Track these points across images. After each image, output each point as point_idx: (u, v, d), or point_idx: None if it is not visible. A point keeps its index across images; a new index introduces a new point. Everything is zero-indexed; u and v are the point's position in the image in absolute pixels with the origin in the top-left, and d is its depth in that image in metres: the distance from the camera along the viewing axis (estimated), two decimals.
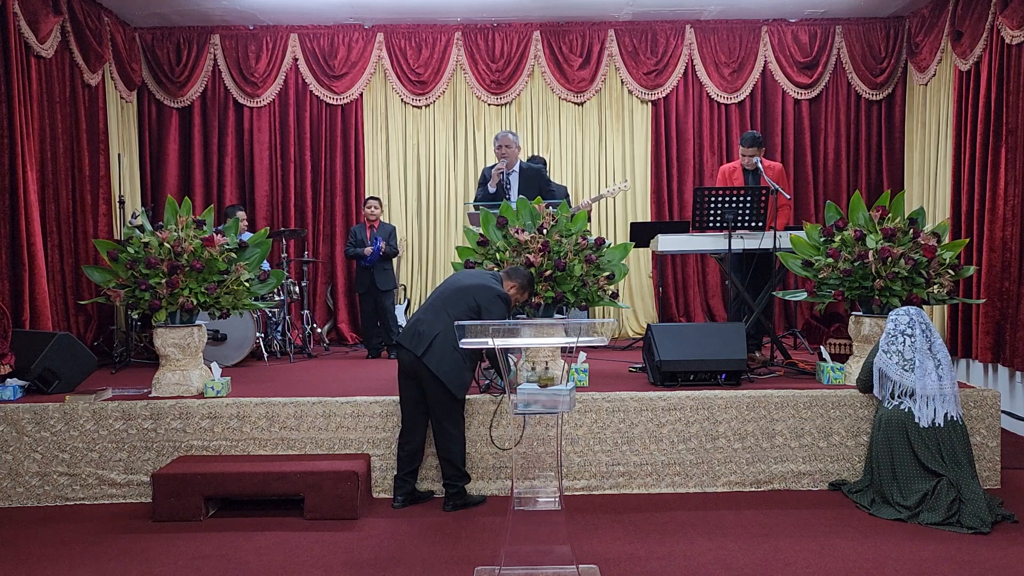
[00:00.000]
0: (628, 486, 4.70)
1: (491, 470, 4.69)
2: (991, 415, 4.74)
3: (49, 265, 6.31)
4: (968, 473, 4.23)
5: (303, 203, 8.41)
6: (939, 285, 4.82)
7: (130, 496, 4.65)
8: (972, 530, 3.99)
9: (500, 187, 5.91)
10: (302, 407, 4.72)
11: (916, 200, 7.75)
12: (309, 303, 7.75)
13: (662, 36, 8.27)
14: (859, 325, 4.98)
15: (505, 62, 8.27)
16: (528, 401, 3.41)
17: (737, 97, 8.31)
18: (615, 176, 8.41)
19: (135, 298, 4.83)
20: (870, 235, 4.86)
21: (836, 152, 8.38)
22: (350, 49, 8.27)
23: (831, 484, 4.70)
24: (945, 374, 4.35)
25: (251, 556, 3.81)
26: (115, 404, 4.71)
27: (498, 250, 4.99)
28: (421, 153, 8.46)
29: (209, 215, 5.16)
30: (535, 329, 3.91)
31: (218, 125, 8.34)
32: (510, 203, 5.34)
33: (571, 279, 4.93)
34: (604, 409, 4.70)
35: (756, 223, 5.70)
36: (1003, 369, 6.33)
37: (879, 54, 8.19)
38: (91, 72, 7.06)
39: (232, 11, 7.75)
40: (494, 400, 4.64)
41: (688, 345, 4.94)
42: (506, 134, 6.01)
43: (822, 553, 3.75)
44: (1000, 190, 6.25)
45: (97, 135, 7.25)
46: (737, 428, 4.71)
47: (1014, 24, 6.05)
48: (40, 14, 6.28)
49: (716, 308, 8.38)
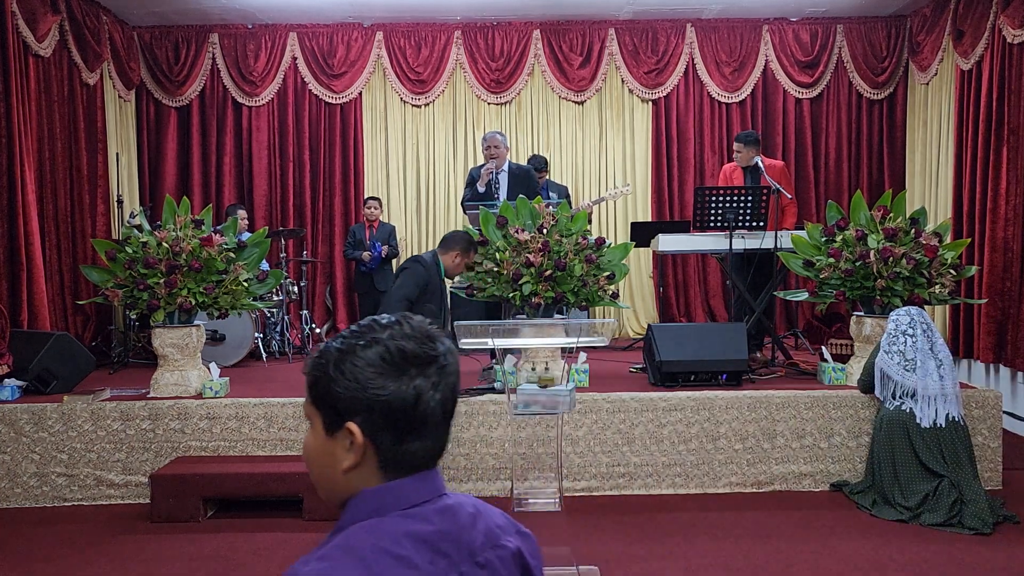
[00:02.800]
0: (629, 487, 4.68)
1: (491, 471, 4.67)
2: (993, 415, 4.72)
3: (47, 265, 6.29)
4: (970, 474, 4.21)
5: (302, 203, 8.39)
6: (941, 285, 4.80)
7: (128, 497, 4.63)
8: (974, 531, 3.97)
9: (489, 187, 5.90)
10: (301, 407, 4.70)
11: (917, 200, 7.73)
12: (308, 303, 7.72)
13: (663, 35, 8.25)
14: (860, 325, 4.96)
15: (505, 61, 8.25)
16: (528, 401, 3.39)
17: (738, 96, 8.29)
18: (615, 176, 8.39)
19: (133, 298, 4.80)
20: (871, 235, 4.84)
21: (837, 151, 8.37)
22: (349, 48, 8.25)
23: (832, 485, 4.68)
24: (947, 374, 4.33)
25: (250, 557, 3.79)
26: (113, 404, 4.69)
27: (498, 250, 4.97)
28: (420, 152, 8.44)
29: (208, 215, 5.14)
30: (535, 329, 3.89)
31: (217, 124, 8.32)
32: (499, 204, 5.33)
33: (571, 279, 4.91)
34: (604, 409, 4.68)
35: (757, 223, 5.68)
36: (1005, 369, 6.32)
37: (880, 53, 8.17)
38: (89, 71, 7.04)
39: (231, 10, 7.73)
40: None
41: (689, 345, 4.92)
42: (494, 134, 6.01)
43: (823, 554, 3.73)
44: (1002, 189, 6.23)
45: (95, 134, 7.23)
46: (738, 429, 4.69)
47: (1016, 23, 6.03)
48: (38, 13, 6.26)
49: (717, 308, 8.36)
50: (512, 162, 6.20)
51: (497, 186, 5.95)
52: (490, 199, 5.81)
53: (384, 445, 1.10)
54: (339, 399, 1.09)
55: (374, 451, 1.10)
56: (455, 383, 1.15)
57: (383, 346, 1.09)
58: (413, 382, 1.09)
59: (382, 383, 1.08)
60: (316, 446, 1.14)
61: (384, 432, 1.09)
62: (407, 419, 1.09)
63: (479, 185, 5.90)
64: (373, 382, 1.08)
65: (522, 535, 1.22)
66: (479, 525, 1.15)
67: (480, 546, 1.13)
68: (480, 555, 1.12)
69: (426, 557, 1.06)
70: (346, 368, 1.09)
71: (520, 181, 5.95)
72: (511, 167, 6.03)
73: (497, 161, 5.91)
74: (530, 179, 6.05)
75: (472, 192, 5.95)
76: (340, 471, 1.11)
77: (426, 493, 1.12)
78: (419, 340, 1.11)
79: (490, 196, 5.87)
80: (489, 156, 5.91)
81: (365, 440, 1.09)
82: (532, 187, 5.98)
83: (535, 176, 6.23)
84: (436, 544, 1.08)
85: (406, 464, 1.11)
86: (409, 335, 1.11)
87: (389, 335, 1.10)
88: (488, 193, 5.90)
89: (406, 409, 1.08)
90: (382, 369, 1.08)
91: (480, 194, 5.89)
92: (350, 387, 1.08)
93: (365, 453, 1.10)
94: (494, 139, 5.95)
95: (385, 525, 1.07)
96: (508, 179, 5.97)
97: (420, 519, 1.09)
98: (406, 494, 1.11)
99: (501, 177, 5.98)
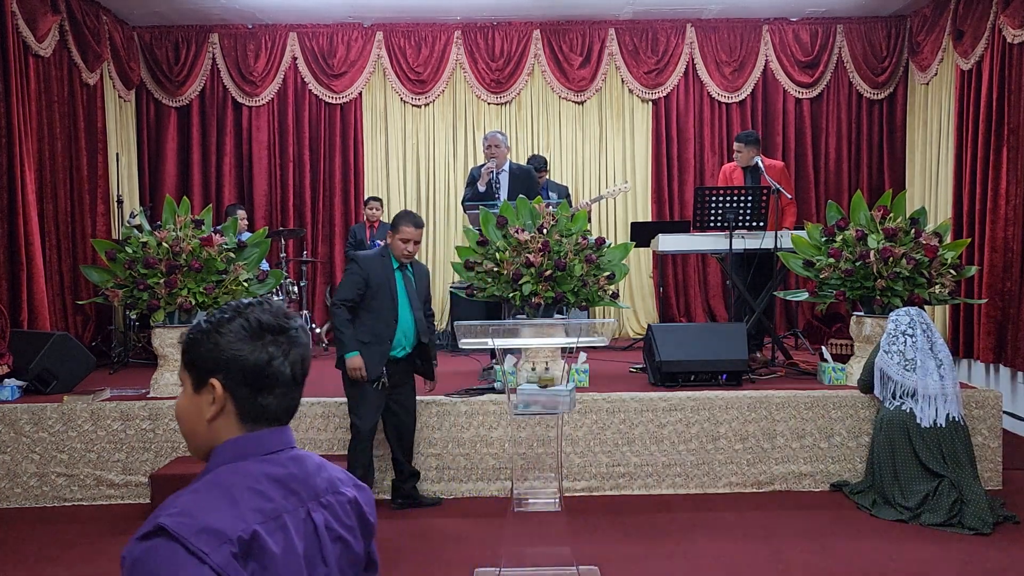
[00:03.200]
0: (628, 487, 4.68)
1: (491, 471, 4.67)
2: (993, 415, 4.72)
3: (47, 265, 6.29)
4: (970, 474, 4.21)
5: (302, 203, 8.38)
6: (941, 285, 4.81)
7: (128, 497, 4.63)
8: (974, 531, 3.97)
9: (490, 186, 5.90)
10: (301, 407, 4.65)
11: (917, 200, 7.72)
12: (308, 303, 7.72)
13: (663, 35, 8.25)
14: (860, 325, 4.96)
15: (505, 61, 8.24)
16: (528, 401, 3.39)
17: (738, 96, 8.28)
18: (615, 175, 8.39)
19: (133, 298, 4.81)
20: (872, 235, 4.84)
21: (837, 151, 8.36)
22: (349, 48, 8.24)
23: (832, 485, 4.68)
24: (947, 374, 4.33)
25: None
26: (113, 404, 4.69)
27: (498, 250, 4.97)
28: (421, 152, 8.43)
29: (208, 215, 5.14)
30: (535, 329, 3.89)
31: (217, 124, 8.32)
32: (499, 203, 5.33)
33: (571, 279, 4.91)
34: (604, 410, 4.68)
35: (757, 223, 5.68)
36: (1005, 369, 6.31)
37: (880, 53, 8.17)
38: (89, 71, 7.04)
39: (231, 10, 7.73)
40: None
41: (689, 345, 4.92)
42: (495, 134, 6.00)
43: (823, 554, 3.73)
44: (1002, 190, 6.23)
45: (95, 134, 7.23)
46: (738, 429, 4.69)
47: (1016, 23, 6.03)
48: (38, 13, 6.26)
49: (717, 308, 8.36)
50: (513, 162, 6.21)
51: (498, 186, 5.96)
52: (491, 199, 5.81)
53: (242, 398, 1.30)
54: (206, 360, 1.30)
55: (233, 404, 1.31)
56: (304, 354, 1.36)
57: (244, 318, 1.31)
58: (267, 348, 1.30)
59: (240, 347, 1.29)
60: (185, 404, 1.34)
61: (241, 387, 1.30)
62: (260, 377, 1.30)
63: (479, 184, 5.90)
64: (233, 346, 1.29)
65: (359, 488, 1.45)
66: (323, 474, 1.38)
67: (324, 490, 1.36)
68: (323, 497, 1.35)
69: (280, 493, 1.27)
70: (212, 336, 1.30)
71: (521, 181, 5.95)
72: (512, 167, 6.03)
73: (497, 161, 5.91)
74: (530, 179, 6.05)
75: (473, 191, 5.95)
76: (205, 422, 1.31)
77: (280, 443, 1.34)
78: (275, 315, 1.33)
79: (491, 196, 5.88)
80: (489, 155, 5.92)
81: (225, 393, 1.30)
82: (532, 187, 5.98)
83: (535, 176, 6.23)
84: (287, 484, 1.30)
85: (261, 416, 1.32)
86: (267, 311, 1.33)
87: (250, 310, 1.33)
88: (489, 193, 5.90)
89: (259, 368, 1.30)
90: (241, 336, 1.30)
91: (481, 193, 5.89)
92: (213, 350, 1.30)
93: (226, 406, 1.30)
94: (495, 138, 5.95)
95: (246, 466, 1.28)
96: (509, 179, 5.97)
97: (275, 463, 1.31)
98: (263, 443, 1.32)
99: (502, 177, 5.98)
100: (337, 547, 1.35)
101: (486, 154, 5.97)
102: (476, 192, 5.90)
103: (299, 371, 1.36)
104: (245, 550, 1.18)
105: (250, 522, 1.20)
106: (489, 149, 5.93)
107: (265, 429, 1.33)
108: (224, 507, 1.20)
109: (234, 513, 1.20)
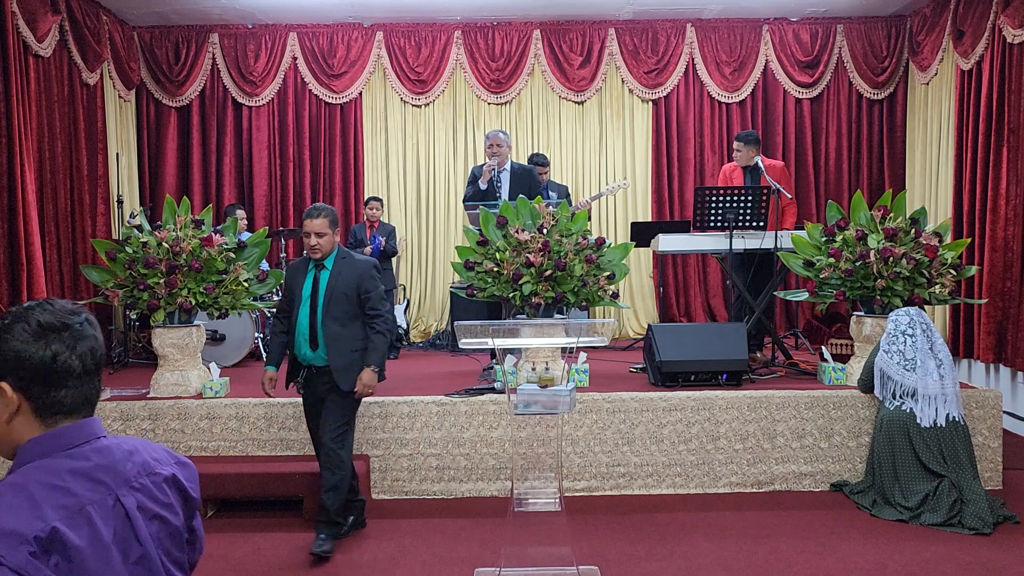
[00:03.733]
0: (629, 487, 4.68)
1: (491, 471, 4.67)
2: (993, 415, 4.72)
3: (47, 265, 6.29)
4: (970, 474, 4.21)
5: (302, 202, 8.38)
6: (941, 285, 4.80)
7: None
8: (974, 531, 3.97)
9: (491, 185, 5.90)
10: (301, 408, 4.69)
11: (918, 200, 7.73)
12: None
13: (663, 35, 8.25)
14: (860, 325, 4.96)
15: (505, 61, 8.24)
16: (528, 401, 3.39)
17: (738, 96, 8.28)
18: (615, 175, 8.39)
19: (133, 298, 4.81)
20: (872, 235, 4.84)
21: (837, 151, 8.36)
22: (349, 48, 8.24)
23: (832, 485, 4.69)
24: (947, 374, 4.33)
25: (250, 557, 3.79)
26: (113, 404, 4.68)
27: (498, 250, 4.97)
28: (421, 152, 8.43)
29: (208, 215, 5.14)
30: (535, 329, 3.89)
31: (217, 124, 8.32)
32: (500, 203, 5.33)
33: (571, 279, 4.91)
34: (604, 410, 4.68)
35: (757, 223, 5.68)
36: (1005, 369, 6.32)
37: (880, 53, 8.17)
38: (89, 71, 7.04)
39: (231, 10, 7.73)
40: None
41: (689, 345, 4.92)
42: (496, 133, 6.00)
43: (823, 554, 3.73)
44: (1002, 189, 6.23)
45: (95, 134, 7.23)
46: (738, 429, 4.69)
47: (1016, 23, 6.03)
48: (38, 13, 6.26)
49: (717, 308, 8.36)
50: (514, 162, 6.21)
51: (499, 185, 5.95)
52: (492, 198, 5.81)
53: (35, 396, 1.35)
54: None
55: (28, 403, 1.35)
56: (93, 345, 1.40)
57: (24, 321, 1.36)
58: (51, 346, 1.35)
59: (23, 348, 1.34)
60: None
61: (32, 385, 1.34)
62: (49, 373, 1.35)
63: (481, 182, 5.90)
64: (16, 348, 1.34)
65: (181, 464, 1.51)
66: (135, 459, 1.42)
67: (135, 475, 1.40)
68: (135, 481, 1.39)
69: (85, 486, 1.31)
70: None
71: (522, 180, 5.95)
72: (513, 166, 6.03)
73: (499, 160, 5.91)
74: (532, 179, 6.05)
75: (474, 190, 5.95)
76: (3, 424, 1.35)
77: (83, 436, 1.37)
78: (55, 314, 1.38)
79: (492, 195, 5.87)
80: (491, 154, 5.91)
81: (17, 394, 1.34)
82: (534, 187, 5.98)
83: (537, 176, 6.23)
84: (93, 475, 1.33)
85: (59, 410, 1.36)
86: (48, 311, 1.38)
87: (30, 312, 1.37)
88: (490, 192, 5.90)
89: (46, 365, 1.35)
90: (23, 337, 1.34)
91: (482, 192, 5.89)
92: (0, 355, 1.34)
93: (21, 405, 1.35)
94: (496, 137, 5.95)
95: (48, 463, 1.32)
96: (510, 178, 5.97)
97: (79, 457, 1.35)
98: (65, 438, 1.36)
99: (503, 176, 5.98)
100: (154, 525, 1.40)
101: (487, 153, 5.97)
102: (477, 190, 5.91)
103: (89, 362, 1.40)
104: (44, 548, 1.22)
105: (49, 520, 1.24)
106: (491, 148, 5.93)
107: (67, 424, 1.37)
108: (23, 507, 1.24)
109: (33, 513, 1.23)
